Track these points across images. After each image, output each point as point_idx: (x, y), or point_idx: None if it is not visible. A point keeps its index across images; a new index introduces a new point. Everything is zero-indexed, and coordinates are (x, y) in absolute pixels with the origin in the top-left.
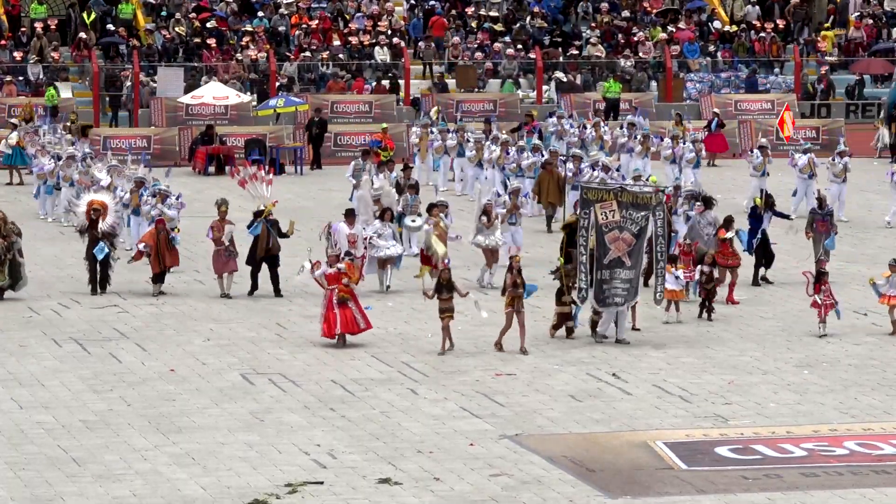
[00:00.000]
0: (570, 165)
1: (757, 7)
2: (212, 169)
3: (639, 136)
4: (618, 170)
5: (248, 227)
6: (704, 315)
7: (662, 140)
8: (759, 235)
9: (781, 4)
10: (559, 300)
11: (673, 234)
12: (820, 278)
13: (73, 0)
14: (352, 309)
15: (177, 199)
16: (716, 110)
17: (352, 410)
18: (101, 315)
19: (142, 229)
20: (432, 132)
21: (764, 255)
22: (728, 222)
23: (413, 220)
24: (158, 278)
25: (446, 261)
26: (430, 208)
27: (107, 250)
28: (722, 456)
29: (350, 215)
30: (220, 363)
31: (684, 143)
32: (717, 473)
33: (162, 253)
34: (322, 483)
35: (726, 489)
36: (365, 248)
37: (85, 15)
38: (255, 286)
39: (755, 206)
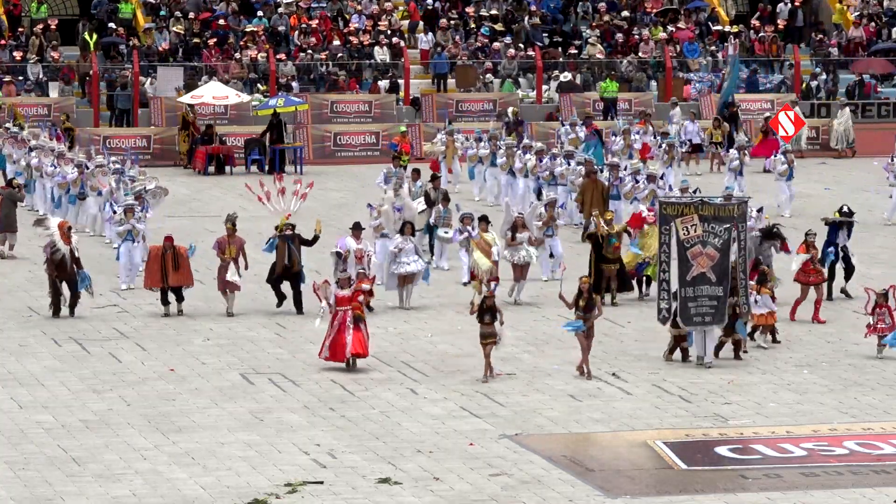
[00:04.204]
0: (607, 174)
1: (790, 4)
2: (211, 169)
3: (664, 145)
4: (662, 177)
5: (265, 246)
6: (760, 338)
7: (729, 151)
8: (832, 250)
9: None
10: (675, 323)
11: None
12: (885, 299)
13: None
14: (363, 330)
15: (142, 210)
16: (767, 114)
17: (352, 410)
18: (101, 315)
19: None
20: (466, 138)
21: (844, 268)
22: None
23: (446, 232)
24: (165, 299)
25: (493, 286)
26: (479, 221)
27: (87, 281)
28: (722, 456)
29: (357, 229)
30: (220, 363)
31: (727, 150)
32: (717, 473)
33: (166, 270)
34: (322, 483)
35: (726, 489)
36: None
37: (87, 35)
38: (280, 296)
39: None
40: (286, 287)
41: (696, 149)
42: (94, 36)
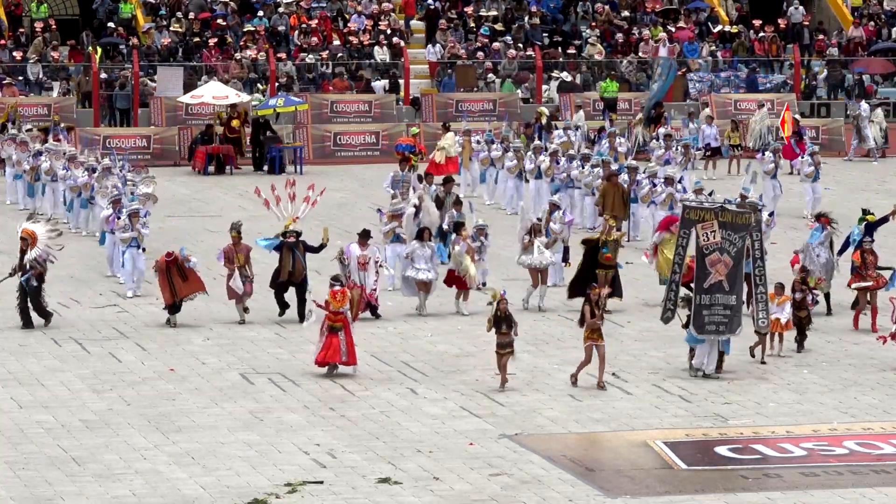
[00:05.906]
0: (625, 177)
1: (801, 8)
2: (211, 168)
3: (679, 147)
4: (680, 181)
5: (266, 244)
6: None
7: (764, 154)
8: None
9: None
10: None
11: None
12: None
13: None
14: (339, 339)
15: (144, 215)
16: (797, 116)
17: (352, 410)
18: (101, 315)
19: (119, 253)
20: (477, 141)
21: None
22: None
23: None
24: (174, 309)
25: (502, 292)
26: (458, 227)
27: (31, 283)
28: (721, 455)
29: (364, 236)
30: (220, 363)
31: (763, 154)
32: (716, 473)
33: (174, 282)
34: (322, 483)
35: (726, 489)
36: (377, 272)
37: (92, 47)
38: (283, 306)
39: (872, 221)
40: (291, 296)
41: (716, 152)
42: (100, 49)
